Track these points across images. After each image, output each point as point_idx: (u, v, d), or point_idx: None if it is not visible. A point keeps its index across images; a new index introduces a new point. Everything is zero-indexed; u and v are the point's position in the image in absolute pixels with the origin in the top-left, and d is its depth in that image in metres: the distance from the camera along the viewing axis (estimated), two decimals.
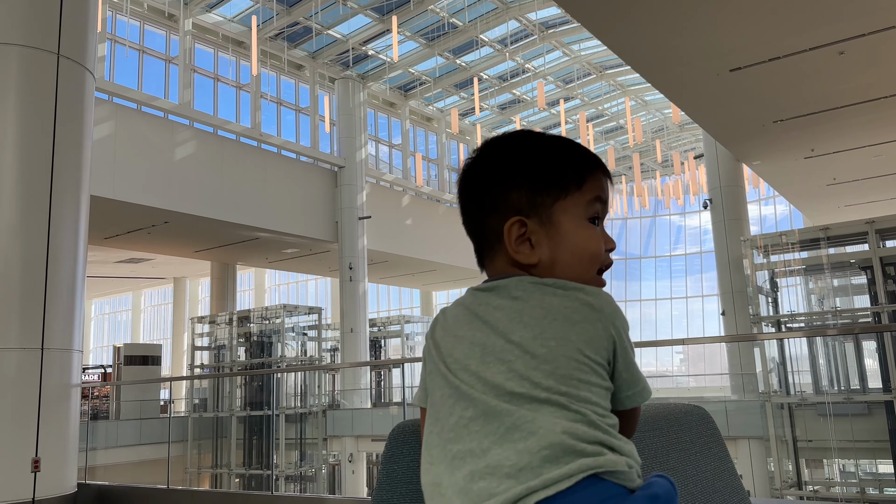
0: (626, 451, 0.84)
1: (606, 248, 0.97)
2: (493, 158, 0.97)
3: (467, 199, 0.98)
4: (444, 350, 0.93)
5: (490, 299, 0.92)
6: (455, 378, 0.90)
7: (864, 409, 9.18)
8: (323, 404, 16.07)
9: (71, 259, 5.82)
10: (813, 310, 10.66)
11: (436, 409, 0.92)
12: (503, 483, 0.80)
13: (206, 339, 16.94)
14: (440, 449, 0.88)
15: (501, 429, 0.83)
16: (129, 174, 12.74)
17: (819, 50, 8.38)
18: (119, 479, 10.23)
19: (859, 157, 12.62)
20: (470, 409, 0.87)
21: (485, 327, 0.90)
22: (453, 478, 0.85)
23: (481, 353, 0.89)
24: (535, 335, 0.87)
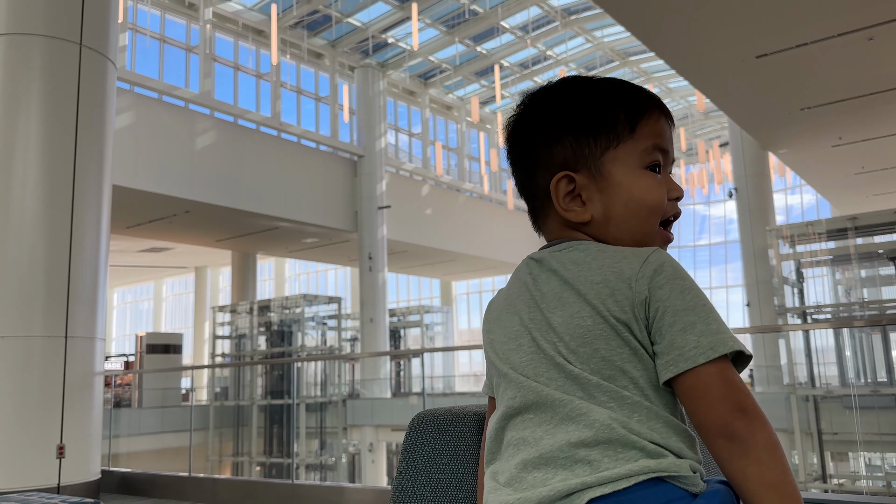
0: (685, 453, 0.78)
1: (671, 196, 0.89)
2: (535, 110, 0.90)
3: (513, 158, 0.92)
4: (493, 334, 0.90)
5: (539, 272, 0.87)
6: (503, 363, 0.86)
7: (891, 402, 9.03)
8: (343, 394, 16.15)
9: (94, 248, 5.85)
10: (840, 301, 10.49)
11: (497, 396, 0.88)
12: (558, 474, 0.76)
13: (227, 328, 17.06)
14: (494, 440, 0.86)
15: (556, 419, 0.79)
16: (151, 163, 12.82)
17: (848, 36, 8.18)
18: (142, 467, 10.35)
19: (889, 146, 12.36)
20: (518, 396, 0.83)
21: (532, 302, 0.86)
22: (506, 465, 0.82)
23: (530, 333, 0.84)
24: (573, 314, 0.81)
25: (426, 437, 1.14)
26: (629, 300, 0.79)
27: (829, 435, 9.21)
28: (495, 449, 0.85)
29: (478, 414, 1.12)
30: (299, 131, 16.55)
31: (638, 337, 0.79)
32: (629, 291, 0.79)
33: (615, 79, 0.92)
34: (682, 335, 0.77)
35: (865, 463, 9.60)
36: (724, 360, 0.77)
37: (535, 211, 0.92)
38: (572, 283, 0.82)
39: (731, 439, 0.74)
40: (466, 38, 17.60)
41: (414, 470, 1.13)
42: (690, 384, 0.76)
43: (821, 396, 9.32)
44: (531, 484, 0.78)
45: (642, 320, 0.79)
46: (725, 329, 0.78)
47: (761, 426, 0.75)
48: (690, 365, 0.76)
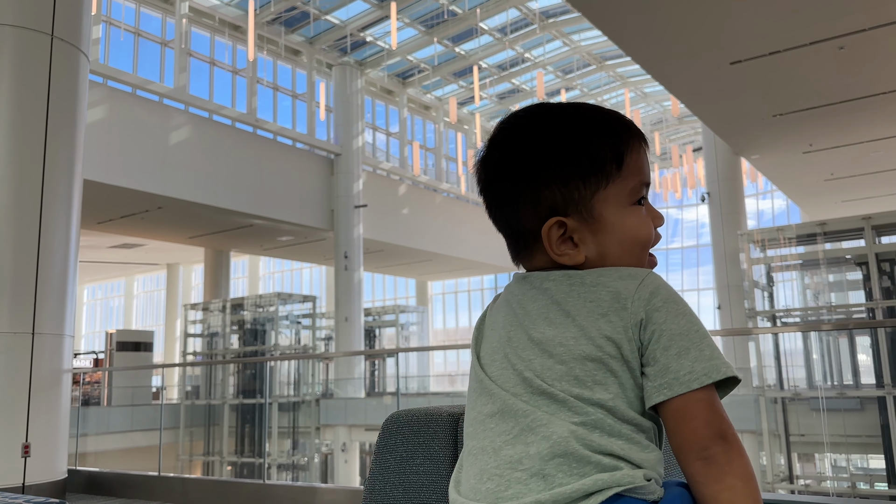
0: (646, 463, 0.78)
1: (655, 225, 0.89)
2: (514, 148, 0.87)
3: (493, 196, 0.90)
4: (482, 341, 0.90)
5: (525, 290, 0.87)
6: (482, 371, 0.87)
7: (856, 405, 9.20)
8: (316, 393, 16.06)
9: (63, 243, 5.76)
10: (808, 305, 10.67)
11: (469, 401, 0.89)
12: (511, 487, 0.77)
13: (199, 327, 16.88)
14: (463, 449, 0.87)
15: (516, 429, 0.80)
16: (123, 158, 12.64)
17: (819, 44, 8.33)
18: (110, 466, 10.21)
19: (858, 153, 12.61)
20: (489, 404, 0.83)
21: (515, 320, 0.86)
22: (467, 474, 0.83)
23: (507, 347, 0.85)
24: (557, 333, 0.81)
25: (399, 437, 1.14)
26: (623, 320, 0.79)
27: (797, 436, 9.36)
28: (463, 455, 0.87)
29: (451, 415, 1.12)
30: (275, 128, 16.43)
31: (626, 356, 0.79)
32: (624, 312, 0.80)
33: (590, 107, 0.89)
34: (678, 360, 0.77)
35: (831, 464, 9.77)
36: (711, 388, 0.78)
37: (518, 248, 0.90)
38: (562, 303, 0.83)
39: (709, 463, 0.76)
40: (445, 39, 17.61)
41: (387, 470, 1.13)
42: (679, 407, 0.77)
43: (789, 398, 9.47)
44: (486, 495, 0.78)
45: (635, 341, 0.79)
46: (719, 355, 0.79)
47: (738, 455, 0.76)
48: (685, 389, 0.77)
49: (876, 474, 9.55)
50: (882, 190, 15.09)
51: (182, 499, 6.28)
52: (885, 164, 13.28)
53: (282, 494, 5.84)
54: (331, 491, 5.83)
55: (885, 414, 8.56)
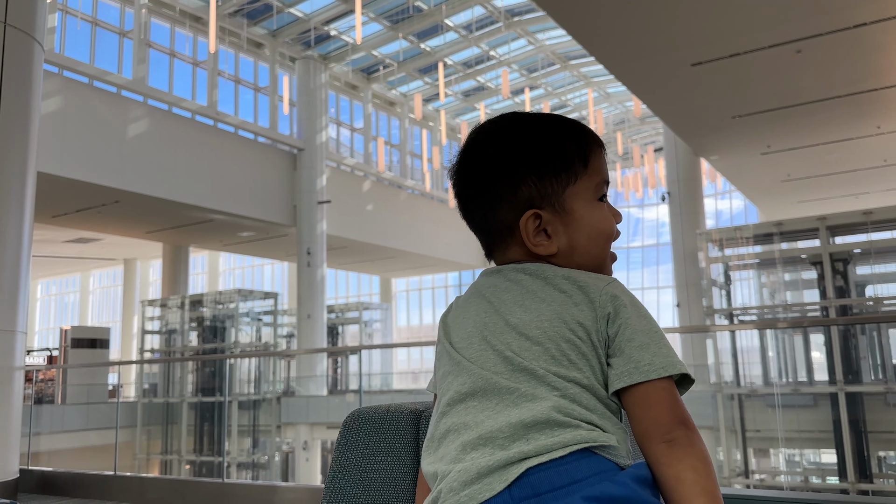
0: (617, 435, 0.85)
1: (616, 221, 1.00)
2: (492, 149, 0.96)
3: (470, 195, 0.97)
4: (451, 330, 0.95)
5: (498, 282, 0.94)
6: (458, 354, 0.92)
7: (810, 401, 9.43)
8: (277, 391, 15.90)
9: (15, 237, 5.61)
10: (764, 303, 10.90)
11: (440, 388, 0.93)
12: (496, 452, 0.82)
13: (157, 323, 16.59)
14: (436, 427, 0.90)
15: (500, 405, 0.85)
16: (79, 151, 12.34)
17: (777, 48, 8.52)
18: (64, 465, 9.97)
19: (813, 155, 12.93)
20: (467, 383, 0.88)
21: (490, 308, 0.92)
22: (447, 449, 0.86)
23: (485, 331, 0.91)
24: (532, 317, 0.89)
25: (361, 434, 1.14)
26: (593, 311, 0.88)
27: (753, 432, 9.56)
28: (437, 436, 0.89)
29: (413, 412, 1.12)
30: (237, 122, 16.21)
31: (594, 342, 0.87)
32: (592, 304, 0.88)
33: (557, 115, 0.99)
34: (639, 351, 0.85)
35: (785, 459, 10.00)
36: (671, 381, 0.86)
37: (494, 244, 0.98)
38: (536, 292, 0.91)
39: (672, 445, 0.82)
40: (410, 35, 17.56)
41: (347, 468, 1.12)
42: (642, 395, 0.85)
43: (745, 395, 9.67)
44: (470, 464, 0.82)
45: (602, 332, 0.87)
46: (675, 354, 0.87)
47: (699, 440, 0.83)
48: (643, 378, 0.84)
49: (828, 468, 9.82)
50: (837, 191, 15.51)
51: (139, 498, 6.16)
52: (840, 165, 13.65)
53: (241, 493, 5.77)
54: (291, 489, 5.78)
55: (836, 410, 8.79)
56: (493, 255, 0.98)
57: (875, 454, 9.17)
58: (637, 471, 0.81)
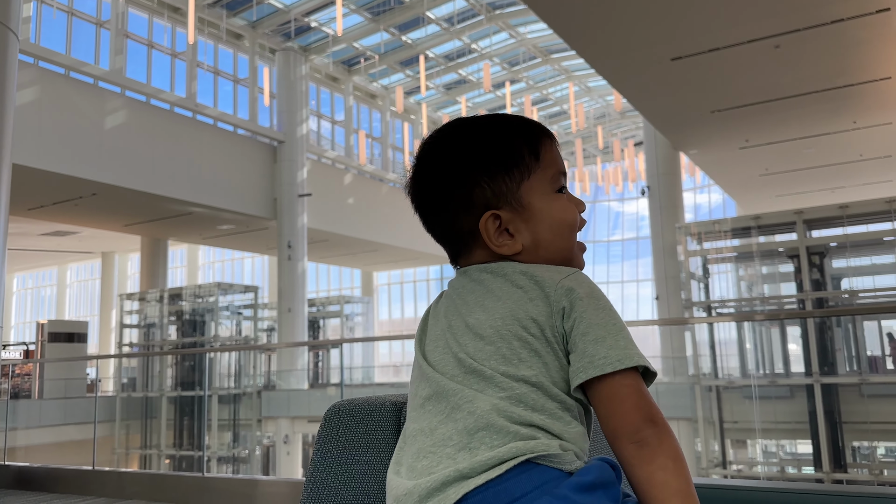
0: (566, 435, 0.83)
1: (578, 210, 0.98)
2: (440, 159, 0.95)
3: (427, 207, 0.96)
4: (427, 333, 0.95)
5: (464, 283, 0.94)
6: (423, 360, 0.92)
7: (786, 392, 9.57)
8: (258, 385, 15.84)
9: None
10: (742, 296, 11.03)
11: (410, 390, 0.94)
12: (442, 462, 0.81)
13: (136, 317, 16.44)
14: (402, 434, 0.92)
15: (448, 408, 0.85)
16: (56, 143, 12.17)
17: (756, 43, 8.59)
18: (42, 460, 9.86)
19: (791, 150, 13.07)
20: (426, 388, 0.89)
21: (455, 310, 0.93)
22: (406, 455, 0.87)
23: (447, 334, 0.91)
24: (487, 317, 0.88)
25: (341, 427, 1.14)
26: (548, 307, 0.87)
27: (730, 423, 9.68)
28: (401, 442, 0.91)
29: (395, 404, 1.12)
30: (216, 114, 16.06)
31: (549, 338, 0.86)
32: (547, 299, 0.87)
33: (502, 114, 0.99)
34: (594, 346, 0.83)
35: (762, 450, 10.14)
36: (637, 373, 0.84)
37: (458, 250, 0.97)
38: (495, 291, 0.90)
39: (641, 445, 0.80)
40: (391, 27, 17.49)
41: (328, 461, 1.12)
42: (608, 392, 0.82)
43: (723, 387, 9.79)
44: (420, 472, 0.82)
45: (558, 328, 0.86)
46: (633, 347, 0.84)
47: (668, 437, 0.81)
48: (599, 372, 0.82)
49: (804, 459, 9.97)
50: (814, 185, 15.70)
51: (118, 493, 6.11)
52: (817, 160, 13.81)
53: (221, 487, 5.75)
54: (272, 483, 5.77)
55: (812, 401, 8.93)
56: (458, 260, 0.97)
57: (849, 444, 9.33)
58: (581, 478, 0.78)
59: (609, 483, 0.79)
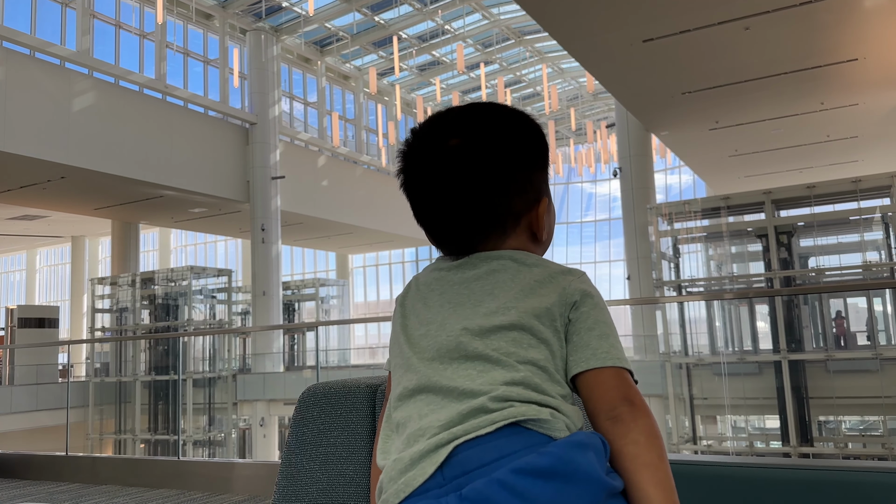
0: (562, 408, 0.85)
1: None
2: (499, 138, 0.94)
3: (468, 184, 0.91)
4: (409, 319, 0.95)
5: (467, 272, 0.94)
6: (409, 348, 0.92)
7: (755, 369, 9.77)
8: (233, 368, 15.78)
9: None
10: (712, 275, 11.20)
11: (392, 380, 0.95)
12: (431, 440, 0.83)
13: (108, 302, 16.26)
14: (386, 422, 0.92)
15: (444, 400, 0.86)
16: (22, 125, 11.92)
17: (726, 24, 8.66)
18: (14, 447, 9.76)
19: (760, 130, 13.23)
20: (415, 379, 0.89)
21: (454, 303, 0.92)
22: (395, 443, 0.88)
23: (436, 324, 0.91)
24: (500, 305, 0.90)
25: (317, 410, 1.15)
26: (560, 297, 0.90)
27: (700, 399, 9.87)
28: (386, 431, 0.92)
29: (370, 386, 1.13)
30: (186, 95, 15.81)
31: (558, 328, 0.89)
32: (562, 291, 0.90)
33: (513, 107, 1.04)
34: (599, 340, 0.88)
35: (731, 425, 10.35)
36: (626, 373, 0.88)
37: (488, 231, 0.94)
38: (507, 280, 0.91)
39: (616, 422, 0.84)
40: (364, 7, 17.30)
41: (304, 443, 1.13)
42: (593, 378, 0.87)
43: (693, 364, 9.97)
44: (410, 458, 0.83)
45: (566, 317, 0.90)
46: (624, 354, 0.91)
47: (644, 416, 0.84)
48: (600, 364, 0.87)
49: (771, 433, 10.21)
50: (782, 166, 15.92)
51: (92, 478, 6.09)
52: (785, 141, 14.00)
53: (197, 471, 5.76)
54: (248, 466, 5.79)
55: (780, 377, 9.13)
56: (475, 241, 0.94)
57: (816, 419, 9.57)
58: (572, 437, 0.81)
59: (599, 449, 0.81)
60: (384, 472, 0.85)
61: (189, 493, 5.42)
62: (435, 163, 0.93)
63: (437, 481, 0.79)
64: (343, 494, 1.09)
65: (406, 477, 0.81)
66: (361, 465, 1.09)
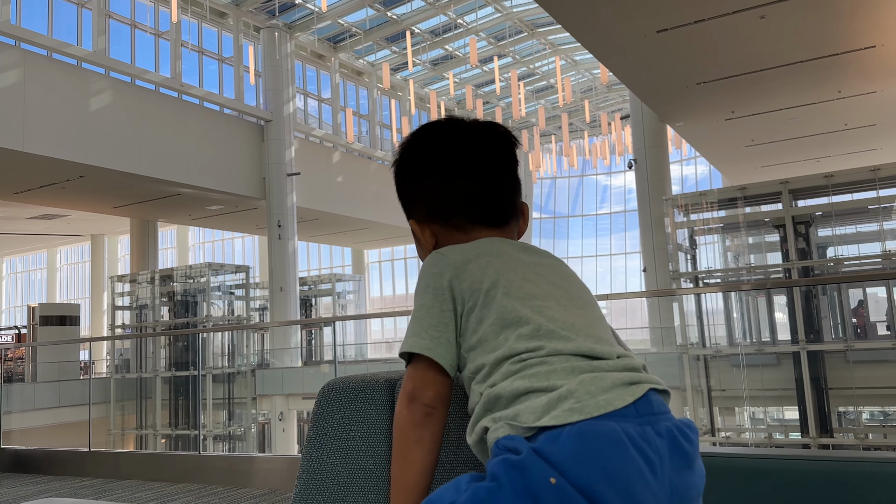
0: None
1: None
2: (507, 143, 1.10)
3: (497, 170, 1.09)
4: (510, 287, 0.98)
5: (528, 255, 1.05)
6: (530, 313, 0.96)
7: (773, 360, 9.70)
8: (252, 364, 15.90)
9: None
10: (729, 266, 11.12)
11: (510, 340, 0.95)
12: (621, 375, 0.93)
13: (127, 299, 16.43)
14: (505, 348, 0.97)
15: (608, 361, 0.97)
16: (41, 125, 12.06)
17: (741, 13, 8.58)
18: (37, 443, 9.93)
19: (776, 120, 13.10)
20: (565, 343, 0.96)
21: (537, 272, 1.02)
22: (557, 375, 0.93)
23: (559, 300, 1.00)
24: (582, 294, 1.05)
25: (336, 404, 1.16)
26: None
27: (718, 391, 9.81)
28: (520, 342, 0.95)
29: (388, 381, 1.14)
30: (202, 93, 15.91)
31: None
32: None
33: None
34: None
35: (750, 416, 10.29)
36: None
37: (506, 217, 1.10)
38: (563, 269, 1.09)
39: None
40: (376, 2, 17.31)
41: (324, 437, 1.15)
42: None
43: (710, 356, 9.91)
44: (598, 367, 0.93)
45: None
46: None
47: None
48: None
49: (790, 424, 10.14)
50: (799, 155, 15.76)
51: (115, 473, 6.19)
52: (801, 130, 13.85)
53: (218, 465, 5.83)
54: (268, 460, 5.86)
55: (799, 368, 9.05)
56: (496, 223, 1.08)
57: (835, 410, 9.49)
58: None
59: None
60: (564, 386, 0.87)
61: (210, 487, 5.49)
62: (478, 145, 1.08)
63: (631, 411, 0.86)
64: (363, 488, 1.10)
65: (607, 396, 0.87)
66: (381, 458, 1.10)
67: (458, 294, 0.98)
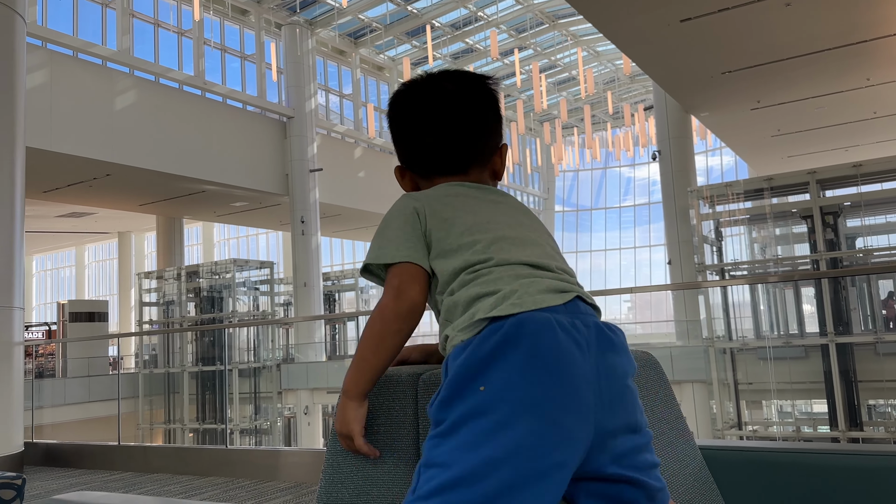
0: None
1: None
2: (479, 90, 1.18)
3: (468, 116, 1.16)
4: (457, 214, 1.10)
5: (485, 194, 1.15)
6: (480, 233, 1.08)
7: (801, 353, 9.57)
8: (277, 358, 16.04)
9: (7, 213, 5.61)
10: (755, 258, 10.98)
11: (461, 251, 1.08)
12: (554, 283, 1.06)
13: (154, 295, 16.64)
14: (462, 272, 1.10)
15: (544, 270, 1.10)
16: (67, 125, 12.24)
17: (766, 1, 8.45)
18: (68, 438, 10.10)
19: (803, 109, 12.91)
20: (507, 250, 1.07)
21: (494, 207, 1.13)
22: (494, 278, 1.06)
23: (507, 222, 1.11)
24: (531, 221, 1.15)
25: None
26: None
27: (745, 385, 9.71)
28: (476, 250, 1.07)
29: (412, 374, 1.14)
30: (225, 91, 16.04)
31: None
32: None
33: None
34: None
35: (777, 410, 10.18)
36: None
37: (473, 158, 1.18)
38: (520, 208, 1.17)
39: None
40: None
41: None
42: None
43: (737, 349, 9.81)
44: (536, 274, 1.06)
45: None
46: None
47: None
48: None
49: (819, 418, 10.00)
50: (826, 145, 15.51)
51: (144, 467, 6.28)
52: (828, 119, 13.63)
53: (245, 459, 5.89)
54: (294, 453, 5.90)
55: (827, 360, 8.93)
56: (460, 165, 1.16)
57: (865, 403, 9.35)
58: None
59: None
60: (508, 287, 1.01)
61: (237, 480, 5.55)
62: (437, 100, 1.16)
63: (561, 309, 1.01)
64: (387, 481, 1.10)
65: (543, 296, 1.01)
66: (405, 452, 1.10)
67: (423, 218, 1.10)
